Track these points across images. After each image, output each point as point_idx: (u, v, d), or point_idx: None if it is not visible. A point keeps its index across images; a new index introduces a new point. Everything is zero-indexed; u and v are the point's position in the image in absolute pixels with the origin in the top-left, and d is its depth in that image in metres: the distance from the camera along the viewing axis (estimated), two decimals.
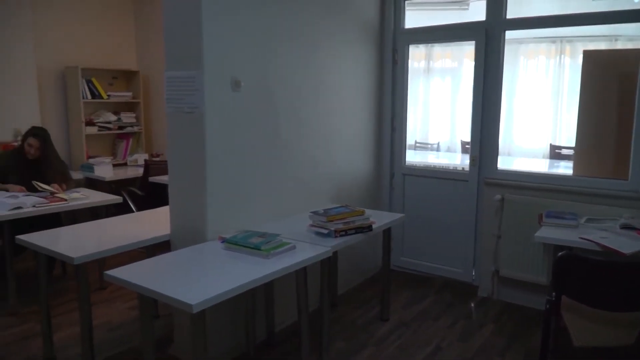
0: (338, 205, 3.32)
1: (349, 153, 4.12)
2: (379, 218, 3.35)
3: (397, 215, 3.66)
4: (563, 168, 6.01)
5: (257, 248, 2.55)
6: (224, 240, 2.73)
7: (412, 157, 5.71)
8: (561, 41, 7.34)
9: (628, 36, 6.04)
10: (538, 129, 7.57)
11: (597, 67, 3.94)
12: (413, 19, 4.43)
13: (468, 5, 6.02)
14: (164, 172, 4.70)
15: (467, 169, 4.19)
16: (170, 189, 3.06)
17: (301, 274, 2.71)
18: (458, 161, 6.94)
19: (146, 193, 5.02)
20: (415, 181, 4.47)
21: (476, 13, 4.14)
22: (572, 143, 4.40)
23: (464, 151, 7.27)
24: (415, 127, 8.11)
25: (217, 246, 2.74)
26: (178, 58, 2.86)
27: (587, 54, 4.19)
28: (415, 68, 7.69)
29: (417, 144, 8.10)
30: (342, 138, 4.00)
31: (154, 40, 6.05)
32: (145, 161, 5.37)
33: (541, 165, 6.93)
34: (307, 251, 2.67)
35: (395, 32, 4.38)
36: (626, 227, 3.08)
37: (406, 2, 4.36)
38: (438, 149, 8.17)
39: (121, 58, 6.18)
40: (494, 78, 3.93)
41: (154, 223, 3.26)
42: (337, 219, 2.95)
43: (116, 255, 2.82)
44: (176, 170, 3.00)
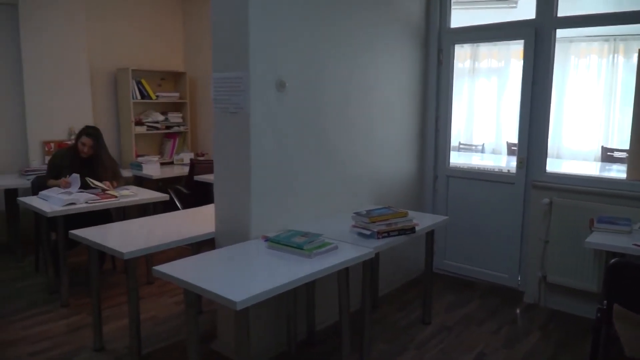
0: (381, 206, 3.30)
1: (392, 154, 4.09)
2: (422, 220, 3.31)
3: (441, 217, 3.61)
4: (615, 171, 5.80)
5: (300, 247, 2.57)
6: (267, 239, 2.77)
7: (456, 159, 5.62)
8: (614, 39, 7.07)
9: None
10: (589, 131, 7.32)
11: None
12: (458, 18, 4.36)
13: (516, 3, 5.87)
14: (209, 171, 4.82)
15: (514, 171, 4.08)
16: (215, 188, 3.12)
17: (343, 275, 2.72)
18: (503, 163, 6.80)
19: (191, 191, 5.15)
20: (459, 183, 4.40)
21: (525, 11, 4.03)
22: (626, 145, 4.22)
23: (510, 153, 7.11)
24: (459, 128, 7.98)
25: (261, 245, 2.78)
26: (225, 59, 2.91)
27: None
28: (459, 68, 7.57)
29: (461, 146, 7.99)
30: (386, 139, 3.98)
31: (201, 42, 6.21)
32: (190, 160, 5.52)
33: (592, 168, 6.71)
34: (350, 252, 2.67)
35: (440, 32, 4.32)
36: None
37: (452, 1, 4.30)
38: (482, 151, 8.03)
39: (169, 60, 6.37)
40: (544, 78, 3.82)
41: (199, 221, 3.34)
42: (380, 220, 2.94)
43: (162, 250, 2.89)
44: (222, 169, 3.06)
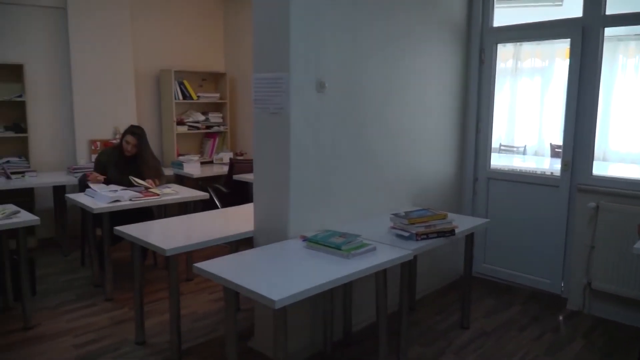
0: (419, 208, 3.27)
1: (432, 155, 4.04)
2: (462, 222, 3.26)
3: (481, 220, 3.54)
4: None
5: (338, 248, 2.57)
6: (306, 239, 2.78)
7: (497, 161, 5.51)
8: None
9: None
10: (637, 133, 7.04)
11: None
12: (500, 16, 4.26)
13: (562, 1, 5.69)
14: (248, 170, 4.88)
15: (558, 174, 3.97)
16: (254, 188, 3.15)
17: (381, 276, 2.70)
18: (547, 165, 6.62)
19: (230, 190, 5.22)
20: (500, 186, 4.30)
21: (571, 9, 3.90)
22: None
23: (554, 155, 6.92)
24: (500, 130, 7.81)
25: (299, 244, 2.79)
26: (266, 61, 2.94)
27: None
28: (501, 68, 7.40)
29: (502, 147, 7.81)
30: (426, 140, 3.94)
31: (240, 44, 6.30)
32: (230, 159, 5.60)
33: None
34: (388, 253, 2.66)
35: (482, 31, 4.24)
36: None
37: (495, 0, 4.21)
38: (524, 153, 7.84)
39: (210, 61, 6.49)
40: (591, 78, 3.69)
41: (238, 219, 3.38)
42: (419, 222, 2.91)
43: (202, 248, 2.95)
44: (261, 169, 3.09)
